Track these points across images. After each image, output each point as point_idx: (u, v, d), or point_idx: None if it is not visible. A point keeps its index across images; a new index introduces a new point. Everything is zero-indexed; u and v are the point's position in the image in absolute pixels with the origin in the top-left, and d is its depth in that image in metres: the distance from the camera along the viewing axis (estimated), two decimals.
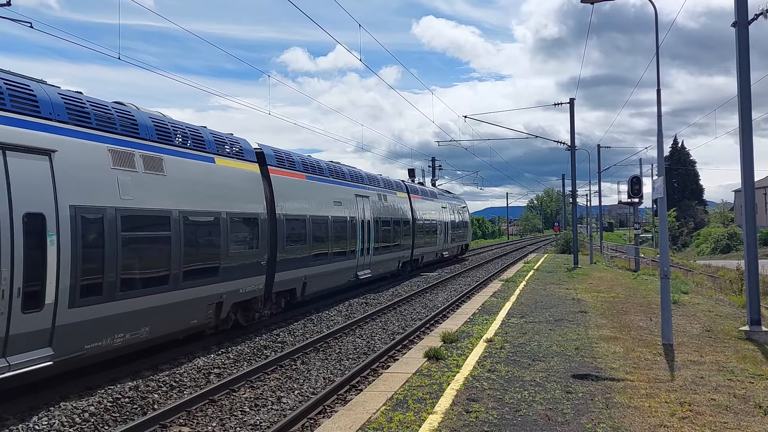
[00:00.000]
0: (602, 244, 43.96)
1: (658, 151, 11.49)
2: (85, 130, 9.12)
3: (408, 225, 25.84)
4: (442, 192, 39.09)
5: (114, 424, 7.92)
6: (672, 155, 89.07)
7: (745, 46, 11.38)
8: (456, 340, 10.66)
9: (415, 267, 27.90)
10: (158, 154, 10.52)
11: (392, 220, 23.47)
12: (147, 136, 10.49)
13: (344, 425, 6.26)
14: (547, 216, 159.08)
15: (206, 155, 12.23)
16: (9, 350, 7.55)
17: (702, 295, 18.85)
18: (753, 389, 7.52)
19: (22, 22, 12.36)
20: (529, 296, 17.07)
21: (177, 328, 11.13)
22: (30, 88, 8.47)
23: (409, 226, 25.95)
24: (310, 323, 15.00)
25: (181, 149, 11.41)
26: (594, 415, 6.48)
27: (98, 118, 9.56)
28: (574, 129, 32.32)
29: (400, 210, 24.72)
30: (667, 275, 10.89)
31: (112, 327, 9.24)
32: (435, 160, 52.65)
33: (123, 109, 10.34)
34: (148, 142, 10.44)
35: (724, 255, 54.05)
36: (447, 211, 34.80)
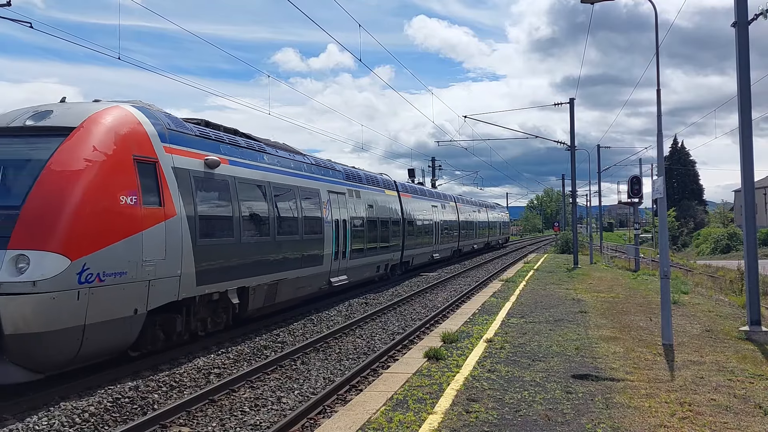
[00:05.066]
0: (602, 244, 43.96)
1: (657, 151, 11.49)
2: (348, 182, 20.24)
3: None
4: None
5: (114, 424, 7.92)
6: (672, 155, 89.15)
7: (745, 46, 11.39)
8: (456, 340, 10.66)
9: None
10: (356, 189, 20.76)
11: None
12: (356, 181, 21.13)
13: (344, 425, 6.26)
14: (547, 216, 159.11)
15: (380, 189, 23.64)
16: (331, 277, 17.70)
17: (702, 295, 18.86)
18: (753, 389, 7.52)
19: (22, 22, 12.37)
20: (529, 296, 17.07)
21: (374, 273, 22.48)
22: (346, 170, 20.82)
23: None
24: (310, 323, 15.00)
25: (369, 188, 22.32)
26: (594, 415, 6.48)
27: (350, 176, 20.64)
28: (573, 129, 32.35)
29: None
30: (667, 275, 10.89)
31: (358, 269, 20.11)
32: (435, 160, 52.67)
33: (353, 171, 21.47)
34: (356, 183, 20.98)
35: (724, 255, 54.07)
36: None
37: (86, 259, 8.77)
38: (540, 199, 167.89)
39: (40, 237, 8.50)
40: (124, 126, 10.06)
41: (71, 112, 9.92)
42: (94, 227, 9.02)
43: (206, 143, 12.20)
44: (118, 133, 9.87)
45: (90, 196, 9.01)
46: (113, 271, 9.24)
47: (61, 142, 9.31)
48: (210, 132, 12.79)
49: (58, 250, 8.51)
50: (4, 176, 9.24)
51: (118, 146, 9.74)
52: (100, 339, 9.24)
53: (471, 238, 42.03)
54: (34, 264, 8.30)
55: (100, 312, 9.05)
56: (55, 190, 8.83)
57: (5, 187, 9.11)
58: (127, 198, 9.61)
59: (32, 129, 9.74)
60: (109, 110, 10.15)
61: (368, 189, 22.20)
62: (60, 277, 8.42)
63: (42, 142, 9.47)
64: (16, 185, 9.07)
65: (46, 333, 8.36)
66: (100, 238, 9.07)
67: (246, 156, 13.66)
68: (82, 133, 9.44)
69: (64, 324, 8.54)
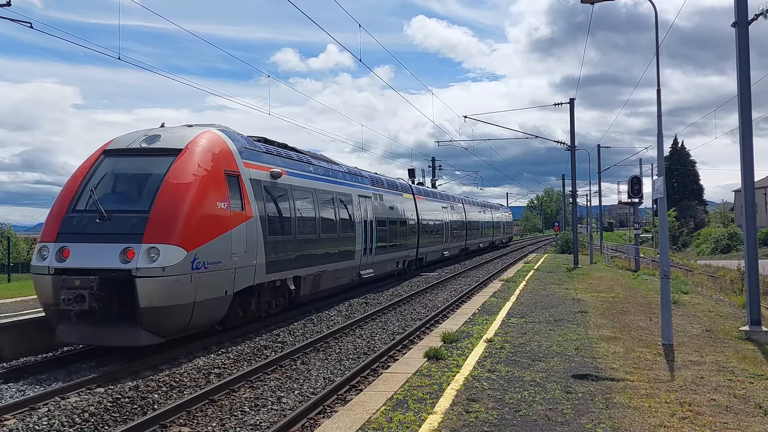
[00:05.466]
0: (602, 244, 43.94)
1: (658, 151, 11.49)
2: (373, 187, 22.76)
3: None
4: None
5: (114, 424, 7.92)
6: (672, 155, 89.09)
7: (745, 46, 11.38)
8: (456, 340, 10.66)
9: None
10: (380, 193, 23.52)
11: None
12: (380, 186, 23.89)
13: (344, 425, 6.26)
14: (547, 216, 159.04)
15: (398, 192, 26.37)
16: (361, 270, 20.22)
17: (702, 295, 18.85)
18: (753, 389, 7.52)
19: (22, 22, 12.36)
20: (529, 296, 17.07)
21: (394, 268, 25.04)
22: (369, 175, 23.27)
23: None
24: (310, 323, 15.00)
25: (390, 191, 25.09)
26: (594, 415, 6.48)
27: (374, 182, 23.30)
28: (574, 129, 32.34)
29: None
30: (668, 275, 10.88)
31: (382, 263, 22.76)
32: (435, 160, 52.64)
33: (376, 177, 24.15)
34: (380, 188, 23.66)
35: (724, 255, 54.05)
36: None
37: (196, 251, 11.24)
38: (540, 199, 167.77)
39: (165, 234, 10.90)
40: (216, 146, 12.64)
41: (176, 136, 12.54)
42: (201, 226, 11.48)
43: (270, 158, 14.92)
44: (213, 153, 12.44)
45: (197, 203, 11.50)
46: (212, 261, 11.73)
47: (173, 161, 11.82)
48: (272, 148, 15.51)
49: (179, 244, 10.95)
50: (137, 187, 11.89)
51: (213, 163, 12.27)
52: (203, 313, 11.69)
53: (477, 237, 44.65)
54: (162, 254, 10.72)
55: (204, 292, 11.46)
56: (173, 198, 11.28)
57: (137, 195, 11.71)
58: (221, 203, 12.12)
59: (149, 150, 12.30)
60: (204, 134, 12.72)
61: (389, 193, 24.90)
62: (180, 265, 10.88)
63: (158, 161, 12.01)
64: (144, 194, 11.60)
65: (169, 307, 10.81)
66: (205, 235, 11.53)
67: (298, 167, 16.42)
68: (188, 154, 11.99)
69: (181, 300, 10.99)
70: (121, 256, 10.75)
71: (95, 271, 10.68)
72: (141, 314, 10.62)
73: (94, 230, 11.16)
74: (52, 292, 10.84)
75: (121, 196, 11.97)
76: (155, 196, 11.31)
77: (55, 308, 10.85)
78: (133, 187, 12.01)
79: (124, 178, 12.22)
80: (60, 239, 11.27)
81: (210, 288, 11.67)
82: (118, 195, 11.98)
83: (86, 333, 10.92)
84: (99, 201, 11.46)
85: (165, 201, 11.21)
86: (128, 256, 10.73)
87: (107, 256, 10.81)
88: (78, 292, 10.41)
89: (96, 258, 10.85)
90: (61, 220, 11.52)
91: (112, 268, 10.73)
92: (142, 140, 12.52)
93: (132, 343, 10.88)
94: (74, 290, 10.44)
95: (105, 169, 12.29)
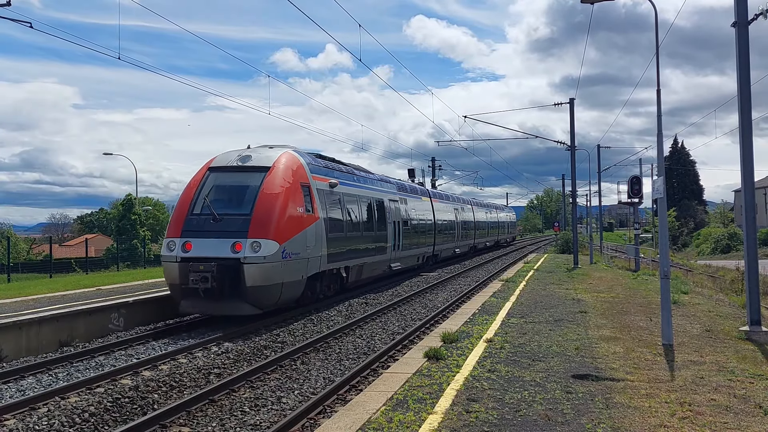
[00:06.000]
0: (602, 244, 43.94)
1: (658, 151, 11.47)
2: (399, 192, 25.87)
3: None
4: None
5: (114, 424, 7.92)
6: (672, 155, 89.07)
7: (745, 46, 11.37)
8: (456, 340, 10.65)
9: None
10: (405, 197, 26.75)
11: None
12: (403, 192, 26.77)
13: (344, 425, 6.26)
14: (547, 216, 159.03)
15: (418, 196, 29.69)
16: (391, 263, 23.72)
17: (702, 296, 18.85)
18: (753, 389, 7.52)
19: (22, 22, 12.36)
20: (529, 296, 17.06)
21: (415, 263, 28.02)
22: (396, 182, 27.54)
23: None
24: (310, 323, 15.01)
25: (412, 195, 28.28)
26: (594, 416, 6.47)
27: (400, 187, 26.49)
28: (574, 129, 32.31)
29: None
30: (667, 275, 10.87)
31: (407, 258, 25.85)
32: (435, 160, 52.62)
33: (401, 183, 27.81)
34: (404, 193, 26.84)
35: (724, 255, 54.03)
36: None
37: (285, 244, 14.73)
38: (540, 199, 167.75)
39: (264, 231, 14.35)
40: (293, 164, 16.20)
41: (263, 156, 16.10)
42: (288, 226, 14.98)
43: (327, 171, 18.61)
44: (292, 169, 15.98)
45: (285, 208, 14.99)
46: (295, 252, 15.17)
47: (264, 176, 15.28)
48: (328, 163, 19.40)
49: (274, 239, 14.42)
50: (238, 195, 15.28)
51: (293, 177, 15.80)
52: (288, 292, 15.20)
53: (484, 236, 48.73)
54: (263, 247, 14.20)
55: (289, 275, 14.99)
56: (268, 204, 14.75)
57: (240, 202, 15.09)
58: (300, 208, 15.60)
59: (244, 167, 15.83)
60: (284, 155, 16.25)
61: (411, 197, 28.46)
62: (275, 254, 14.35)
63: (253, 176, 15.46)
64: (245, 201, 15.01)
65: (267, 286, 14.32)
66: (290, 232, 15.01)
67: (346, 178, 20.13)
68: (275, 171, 15.48)
69: (275, 281, 14.48)
70: (231, 248, 14.19)
71: (213, 259, 14.07)
72: (247, 292, 14.06)
73: (209, 228, 14.58)
74: (179, 274, 14.30)
75: (227, 202, 15.26)
76: (254, 202, 14.74)
77: (182, 287, 14.27)
78: (235, 195, 15.36)
79: (227, 189, 15.57)
80: (183, 235, 14.68)
81: (293, 272, 15.20)
82: (224, 202, 15.26)
83: (204, 306, 14.40)
84: (211, 206, 14.87)
85: (262, 206, 14.69)
86: (237, 248, 14.18)
87: (221, 248, 14.24)
88: (203, 274, 13.82)
89: (213, 249, 14.29)
90: (183, 221, 14.93)
91: (225, 257, 14.13)
92: (238, 160, 16.09)
93: (239, 312, 14.30)
94: (200, 273, 13.86)
95: (212, 182, 15.68)
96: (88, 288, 18.37)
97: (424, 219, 29.59)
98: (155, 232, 72.81)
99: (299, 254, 15.34)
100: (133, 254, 45.85)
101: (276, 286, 14.55)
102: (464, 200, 43.57)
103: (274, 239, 14.38)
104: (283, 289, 14.83)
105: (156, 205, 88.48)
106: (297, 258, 15.24)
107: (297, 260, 15.26)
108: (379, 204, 22.74)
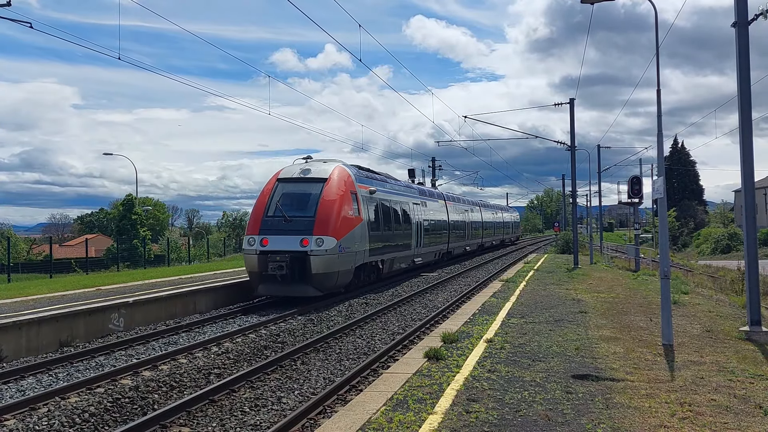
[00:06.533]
0: (602, 245, 43.93)
1: (658, 151, 11.47)
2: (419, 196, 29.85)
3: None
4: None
5: (114, 424, 7.92)
6: (672, 155, 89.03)
7: (745, 46, 11.36)
8: (456, 341, 10.65)
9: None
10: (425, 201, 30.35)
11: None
12: (423, 196, 30.70)
13: (344, 425, 6.26)
14: (548, 216, 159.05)
15: (435, 199, 33.32)
16: (414, 258, 27.32)
17: (702, 296, 18.84)
18: (753, 389, 7.52)
19: (23, 22, 12.36)
20: (529, 296, 17.06)
21: (433, 259, 31.12)
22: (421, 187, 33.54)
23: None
24: (310, 323, 15.00)
25: (430, 199, 31.93)
26: (594, 416, 6.47)
27: (420, 192, 30.70)
28: (574, 129, 32.28)
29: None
30: (668, 275, 10.86)
31: (427, 254, 29.54)
32: (435, 160, 52.61)
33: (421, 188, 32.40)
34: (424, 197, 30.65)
35: (725, 255, 54.02)
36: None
37: (341, 240, 18.42)
38: (540, 199, 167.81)
39: (326, 230, 18.02)
40: (345, 175, 20.06)
41: (320, 169, 19.90)
42: (343, 225, 18.66)
43: (368, 180, 22.37)
44: (344, 180, 19.82)
45: (340, 211, 18.71)
46: (347, 247, 18.88)
47: (323, 185, 19.02)
48: (368, 173, 23.39)
49: (333, 236, 18.07)
50: (303, 201, 18.88)
51: (345, 186, 19.60)
52: (342, 278, 19.00)
53: (491, 235, 52.95)
54: (325, 242, 17.87)
55: (343, 265, 18.69)
56: (328, 208, 18.46)
57: (305, 206, 18.70)
58: (350, 212, 19.35)
59: (306, 179, 19.61)
60: (336, 168, 20.12)
61: (429, 200, 32.10)
62: (334, 248, 18.02)
63: (314, 185, 19.22)
64: (309, 206, 18.67)
65: (327, 273, 18.01)
66: (344, 231, 18.72)
67: (380, 185, 23.60)
68: (331, 181, 19.26)
69: (333, 269, 18.17)
70: (300, 243, 17.86)
71: (286, 252, 17.78)
72: (312, 278, 17.73)
73: (281, 228, 18.23)
74: (257, 264, 17.97)
75: (294, 207, 18.85)
76: (317, 207, 18.42)
77: (261, 273, 17.92)
78: (301, 201, 18.94)
79: (294, 196, 19.21)
80: (261, 233, 18.34)
81: (345, 263, 18.90)
82: (292, 206, 18.87)
83: (279, 289, 17.97)
84: (282, 209, 18.51)
85: (323, 210, 18.37)
86: (304, 243, 17.85)
87: (292, 243, 17.92)
88: (279, 263, 17.60)
89: (285, 244, 17.93)
90: (260, 221, 18.65)
91: (295, 250, 17.85)
92: (300, 172, 19.90)
93: (306, 294, 17.89)
94: (277, 263, 17.63)
95: (281, 190, 19.38)
96: (88, 288, 18.37)
97: (440, 220, 33.05)
98: (155, 233, 72.88)
99: (350, 248, 19.04)
100: (133, 254, 45.84)
101: (334, 274, 18.25)
102: (473, 202, 47.33)
103: (333, 236, 18.05)
104: (339, 276, 18.56)
105: (156, 205, 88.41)
106: (348, 252, 18.97)
107: (348, 253, 18.99)
108: (405, 207, 26.41)
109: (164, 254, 46.99)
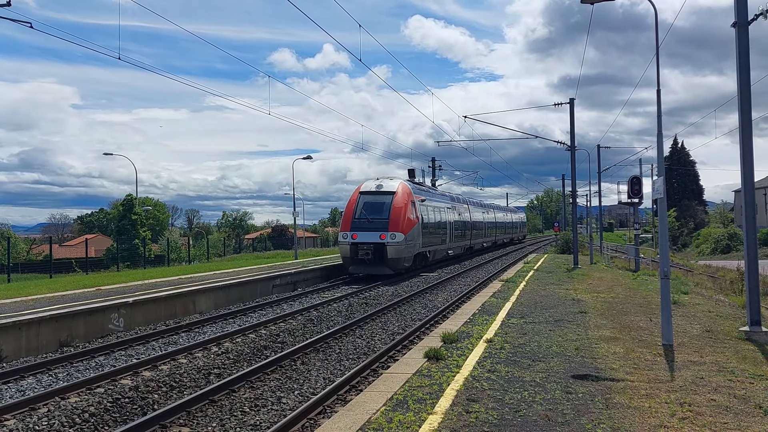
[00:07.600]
0: (602, 245, 43.94)
1: (657, 151, 11.47)
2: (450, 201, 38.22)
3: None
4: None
5: (114, 424, 7.92)
6: (672, 155, 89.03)
7: (745, 47, 11.36)
8: (456, 341, 10.65)
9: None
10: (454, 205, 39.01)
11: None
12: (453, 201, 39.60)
13: (344, 425, 6.26)
14: (547, 216, 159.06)
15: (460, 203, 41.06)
16: (448, 250, 35.74)
17: (702, 296, 18.84)
18: (753, 390, 7.52)
19: (22, 22, 12.37)
20: (528, 297, 17.06)
21: (459, 252, 39.29)
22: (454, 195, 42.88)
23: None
24: (310, 323, 15.00)
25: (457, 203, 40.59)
26: (594, 416, 6.47)
27: (451, 198, 39.74)
28: (574, 129, 32.29)
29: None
30: (667, 275, 10.86)
31: (456, 248, 37.99)
32: (435, 160, 52.60)
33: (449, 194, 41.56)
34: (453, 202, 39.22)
35: (724, 255, 54.02)
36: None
37: (406, 235, 26.45)
38: (540, 200, 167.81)
39: (396, 227, 26.25)
40: (407, 189, 28.14)
41: (390, 185, 27.91)
42: (407, 225, 26.68)
43: (419, 191, 30.82)
44: (406, 192, 27.95)
45: (405, 214, 26.77)
46: (410, 239, 26.96)
47: (393, 196, 27.13)
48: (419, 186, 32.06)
49: (401, 232, 26.22)
50: (380, 208, 26.80)
51: (407, 197, 27.62)
52: (407, 262, 27.19)
53: (502, 234, 61.14)
54: (396, 236, 26.08)
55: (407, 252, 26.90)
56: (397, 213, 26.59)
57: (380, 211, 26.65)
58: (411, 215, 27.28)
59: (380, 192, 27.58)
60: (401, 183, 28.23)
61: (457, 204, 39.39)
62: (402, 241, 26.20)
63: (386, 196, 27.30)
64: (383, 211, 26.69)
65: (398, 258, 26.31)
66: (408, 229, 26.71)
67: (426, 195, 31.70)
68: (398, 194, 27.37)
69: (401, 256, 26.45)
70: (378, 237, 25.81)
71: (370, 243, 25.84)
72: (388, 261, 25.89)
73: (365, 226, 26.27)
74: (349, 251, 26.17)
75: (373, 211, 26.64)
76: (390, 211, 26.41)
77: (352, 258, 26.17)
78: (378, 207, 26.71)
79: (373, 204, 27.01)
80: (352, 230, 26.34)
81: (409, 251, 26.81)
82: (372, 211, 26.67)
83: (365, 269, 26.10)
84: (365, 213, 26.57)
85: (394, 214, 26.35)
86: (381, 237, 25.82)
87: (374, 237, 25.93)
88: (366, 251, 25.84)
89: (369, 237, 25.95)
90: (350, 222, 26.61)
91: (376, 242, 25.88)
92: (375, 187, 27.76)
93: (383, 272, 26.02)
94: (364, 251, 25.87)
95: (363, 200, 27.38)
96: (87, 288, 18.37)
97: (465, 221, 40.39)
98: (155, 233, 72.84)
99: (411, 241, 26.97)
100: (133, 254, 45.84)
101: (402, 259, 26.29)
102: (489, 205, 56.02)
103: (401, 232, 26.00)
104: (405, 261, 26.63)
105: (156, 205, 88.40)
106: (411, 243, 26.85)
107: (411, 245, 26.95)
108: (442, 211, 34.29)
109: (164, 254, 47.03)
